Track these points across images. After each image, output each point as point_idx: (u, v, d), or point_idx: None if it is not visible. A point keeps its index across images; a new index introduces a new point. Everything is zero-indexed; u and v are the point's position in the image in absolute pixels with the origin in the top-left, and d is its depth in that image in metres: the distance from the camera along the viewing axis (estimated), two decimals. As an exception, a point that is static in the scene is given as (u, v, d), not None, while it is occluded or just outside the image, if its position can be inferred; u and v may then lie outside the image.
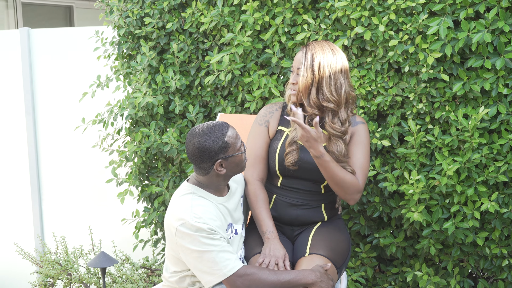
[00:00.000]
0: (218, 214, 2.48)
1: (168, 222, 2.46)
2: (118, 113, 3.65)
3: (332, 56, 2.67)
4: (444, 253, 3.21)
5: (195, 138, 2.44)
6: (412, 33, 2.98)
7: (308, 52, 2.66)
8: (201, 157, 2.44)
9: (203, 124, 2.49)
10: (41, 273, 3.71)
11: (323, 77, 2.65)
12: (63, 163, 4.73)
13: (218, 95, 3.54)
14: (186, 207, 2.42)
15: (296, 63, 2.70)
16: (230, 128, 2.48)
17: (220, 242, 2.40)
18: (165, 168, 3.69)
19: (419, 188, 2.92)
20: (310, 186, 2.76)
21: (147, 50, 3.51)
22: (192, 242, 2.38)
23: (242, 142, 2.52)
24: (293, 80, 2.70)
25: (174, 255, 2.51)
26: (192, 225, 2.37)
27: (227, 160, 2.47)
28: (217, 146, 2.43)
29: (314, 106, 2.68)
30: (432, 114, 3.05)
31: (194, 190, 2.50)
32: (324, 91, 2.66)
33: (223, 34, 3.41)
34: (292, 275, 2.46)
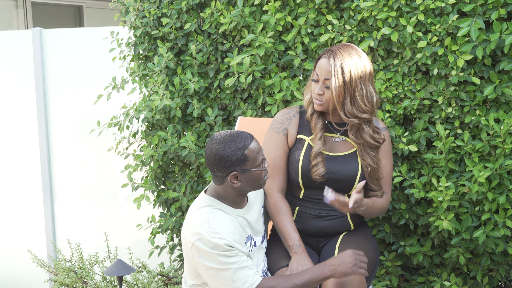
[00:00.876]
0: (237, 227, 2.38)
1: (185, 236, 2.37)
2: (134, 116, 3.55)
3: (360, 62, 2.56)
4: (473, 262, 3.11)
5: (214, 144, 2.35)
6: (441, 34, 2.87)
7: (337, 60, 2.52)
8: (217, 165, 2.34)
9: (227, 131, 2.38)
10: (56, 281, 3.62)
11: (356, 87, 2.53)
12: (76, 166, 4.64)
13: (237, 98, 3.45)
14: (203, 221, 2.33)
15: (323, 72, 2.55)
16: (254, 141, 2.36)
17: (238, 258, 2.31)
18: (182, 173, 3.60)
19: (449, 195, 2.83)
20: None
21: (164, 51, 3.41)
22: (209, 259, 2.29)
23: (264, 159, 2.40)
24: (320, 91, 2.57)
25: (192, 268, 2.42)
26: (209, 240, 2.27)
27: (243, 174, 2.35)
28: (235, 157, 2.32)
29: (351, 116, 2.56)
30: (461, 118, 2.95)
31: (211, 203, 2.40)
32: (358, 101, 2.54)
33: (243, 35, 3.31)
34: (308, 274, 2.36)
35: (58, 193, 4.69)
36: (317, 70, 2.57)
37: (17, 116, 4.77)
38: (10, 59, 4.73)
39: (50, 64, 4.55)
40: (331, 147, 2.65)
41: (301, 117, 2.70)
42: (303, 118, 2.70)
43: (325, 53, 2.57)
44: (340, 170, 2.61)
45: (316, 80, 2.58)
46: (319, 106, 2.59)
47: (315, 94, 2.58)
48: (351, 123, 2.57)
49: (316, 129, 2.63)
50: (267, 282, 2.33)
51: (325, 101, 2.57)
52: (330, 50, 2.56)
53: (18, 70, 4.68)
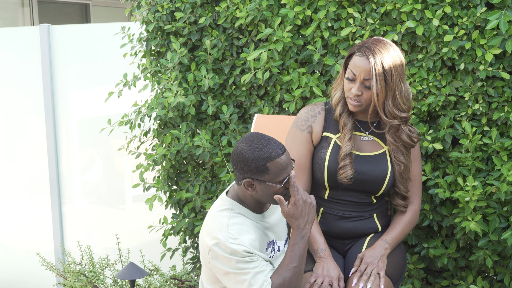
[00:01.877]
0: (258, 233, 2.27)
1: (202, 239, 2.26)
2: (146, 113, 3.44)
3: (397, 58, 2.42)
4: (500, 265, 2.99)
5: (243, 143, 2.22)
6: (468, 27, 2.76)
7: (377, 58, 2.37)
8: (236, 165, 2.22)
9: (262, 134, 2.23)
10: (66, 285, 3.50)
11: (396, 85, 2.41)
12: (85, 165, 4.54)
13: (254, 95, 3.33)
14: (222, 225, 2.22)
15: (362, 72, 2.39)
16: (283, 156, 2.19)
17: (258, 263, 2.20)
18: (196, 173, 3.48)
19: (476, 195, 2.71)
20: (361, 198, 2.54)
21: (177, 47, 3.30)
22: (227, 264, 2.19)
23: (289, 178, 2.21)
24: (358, 91, 2.42)
25: (209, 272, 2.31)
26: (227, 246, 2.17)
27: (260, 184, 2.20)
28: (254, 164, 2.17)
29: (391, 117, 2.43)
30: (489, 115, 2.83)
31: (232, 206, 2.28)
32: (398, 100, 2.42)
33: (260, 29, 3.19)
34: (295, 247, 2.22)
35: (66, 194, 4.59)
36: (353, 69, 2.42)
37: (24, 114, 4.67)
38: (18, 56, 4.63)
39: (58, 61, 4.45)
40: (358, 146, 2.53)
41: (327, 114, 2.58)
42: (329, 115, 2.57)
43: (360, 50, 2.41)
44: (369, 170, 2.50)
45: (352, 80, 2.43)
46: (356, 107, 2.46)
47: (351, 95, 2.44)
48: (392, 124, 2.45)
49: (345, 129, 2.50)
50: (275, 281, 2.21)
51: (363, 101, 2.44)
52: (366, 47, 2.41)
53: (25, 67, 4.58)
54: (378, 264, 2.42)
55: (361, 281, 2.37)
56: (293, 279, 2.22)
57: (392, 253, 2.53)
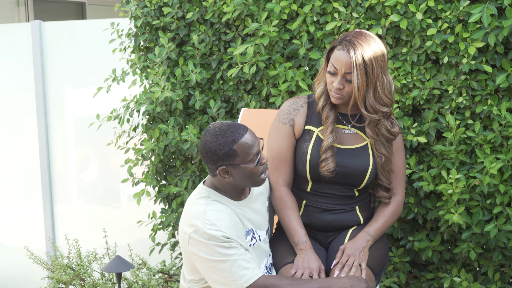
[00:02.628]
0: (235, 220, 2.29)
1: (181, 228, 2.28)
2: (134, 108, 3.46)
3: (378, 50, 2.41)
4: (484, 258, 3.00)
5: (206, 136, 2.25)
6: (452, 21, 2.78)
7: (357, 51, 2.36)
8: (206, 157, 2.25)
9: (221, 122, 2.27)
10: (53, 279, 3.51)
11: (377, 78, 2.40)
12: (76, 161, 4.55)
13: (241, 89, 3.35)
14: (199, 213, 2.24)
15: (343, 65, 2.38)
16: (247, 134, 2.23)
17: (237, 250, 2.21)
18: (184, 167, 3.50)
19: (459, 188, 2.73)
20: (343, 191, 2.55)
21: (165, 42, 3.32)
22: (206, 250, 2.20)
23: (259, 153, 2.25)
24: (340, 85, 2.42)
25: (190, 263, 2.33)
26: (205, 232, 2.18)
27: (234, 168, 2.24)
28: (222, 151, 2.21)
29: (372, 111, 2.44)
30: (472, 108, 2.85)
31: (209, 194, 2.30)
32: (379, 93, 2.42)
33: (247, 24, 3.21)
34: (317, 284, 2.26)
35: (61, 193, 4.60)
36: (335, 63, 2.41)
37: (19, 111, 4.69)
38: (10, 53, 4.65)
39: (49, 57, 4.47)
40: (341, 139, 2.54)
41: (310, 107, 2.58)
42: (312, 108, 2.58)
43: (341, 44, 2.41)
44: (351, 163, 2.51)
45: (334, 73, 2.44)
46: (338, 99, 2.46)
47: (333, 88, 2.44)
48: (371, 118, 2.46)
49: (327, 122, 2.51)
50: (269, 279, 2.23)
51: (345, 95, 2.44)
52: (346, 40, 2.40)
53: (18, 64, 4.60)
54: (360, 255, 2.43)
55: (342, 272, 2.38)
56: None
57: (375, 245, 2.53)
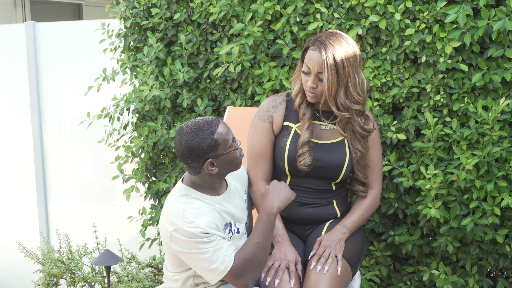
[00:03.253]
0: (214, 215, 2.37)
1: (163, 225, 2.37)
2: (124, 107, 3.54)
3: (350, 49, 2.50)
4: (462, 251, 3.08)
5: (183, 137, 2.33)
6: (429, 21, 2.86)
7: (328, 51, 2.45)
8: (190, 157, 2.32)
9: (192, 121, 2.35)
10: (44, 272, 3.60)
11: (349, 77, 2.49)
12: (70, 159, 4.63)
13: (227, 88, 3.43)
14: (179, 211, 2.32)
15: (315, 65, 2.48)
16: (220, 124, 2.34)
17: (216, 242, 2.31)
18: (173, 164, 3.58)
19: (436, 183, 2.81)
20: (321, 185, 2.64)
21: (154, 42, 3.40)
22: (187, 246, 2.30)
23: (233, 137, 2.38)
24: (313, 84, 2.51)
25: (171, 257, 2.43)
26: (185, 230, 2.28)
27: (218, 159, 2.34)
28: (206, 144, 2.30)
29: (343, 110, 2.52)
30: (450, 106, 2.93)
31: (187, 192, 2.39)
32: (351, 92, 2.50)
33: (232, 24, 3.30)
34: (260, 225, 2.35)
35: (51, 187, 4.68)
36: (308, 63, 2.50)
37: (10, 109, 4.77)
38: (4, 54, 4.72)
39: (43, 57, 4.55)
40: (318, 134, 2.63)
41: (288, 105, 2.67)
42: (290, 105, 2.66)
43: (314, 44, 2.50)
44: (327, 158, 2.60)
45: (307, 73, 2.52)
46: (312, 98, 2.55)
47: (307, 87, 2.53)
48: (342, 117, 2.54)
49: (304, 119, 2.59)
50: (239, 257, 2.32)
51: (319, 93, 2.53)
52: (319, 41, 2.49)
53: (11, 63, 4.68)
54: (336, 247, 2.51)
55: (319, 263, 2.47)
56: (257, 254, 2.33)
57: (351, 238, 2.62)
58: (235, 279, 2.31)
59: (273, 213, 2.37)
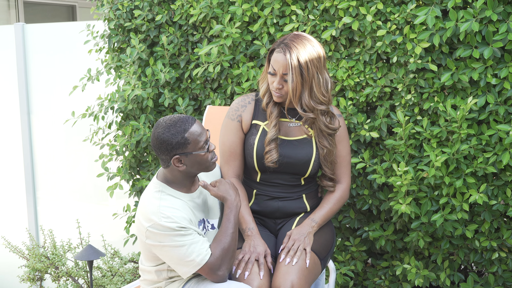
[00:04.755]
0: (188, 212, 2.44)
1: (138, 221, 2.44)
2: (108, 106, 3.63)
3: (314, 51, 2.57)
4: (434, 246, 3.16)
5: (157, 129, 2.41)
6: (400, 23, 2.94)
7: (293, 54, 2.53)
8: (159, 149, 2.41)
9: (170, 116, 2.44)
10: (29, 267, 3.69)
11: (313, 78, 2.56)
12: (58, 158, 4.70)
13: (207, 88, 3.52)
14: (154, 207, 2.39)
15: (281, 67, 2.55)
16: (195, 124, 2.41)
17: (192, 236, 2.38)
18: (156, 162, 3.67)
19: (407, 180, 2.89)
20: (290, 180, 2.72)
21: (136, 43, 3.49)
22: (163, 240, 2.37)
23: (208, 141, 2.44)
24: (279, 85, 2.59)
25: (146, 251, 2.50)
26: (161, 225, 2.35)
27: (186, 157, 2.40)
28: (175, 140, 2.37)
29: (308, 110, 2.60)
30: (421, 105, 3.01)
31: (162, 188, 2.46)
32: (315, 93, 2.58)
33: (212, 26, 3.38)
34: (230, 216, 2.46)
35: (40, 184, 4.72)
36: (274, 64, 2.58)
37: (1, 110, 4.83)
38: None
39: (32, 58, 4.61)
40: (286, 131, 2.71)
41: (257, 104, 2.75)
42: (259, 104, 2.75)
43: (279, 47, 2.57)
44: (294, 154, 2.67)
45: (273, 74, 2.60)
46: (279, 98, 2.63)
47: (273, 88, 2.61)
48: (307, 117, 2.62)
49: (271, 117, 2.68)
50: (215, 249, 2.40)
51: (284, 93, 2.61)
52: (284, 44, 2.57)
53: (1, 65, 4.74)
54: (305, 240, 2.59)
55: (288, 256, 2.55)
56: (232, 244, 2.42)
57: (320, 231, 2.70)
58: (215, 270, 2.38)
59: (239, 206, 2.49)
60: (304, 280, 2.47)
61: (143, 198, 2.48)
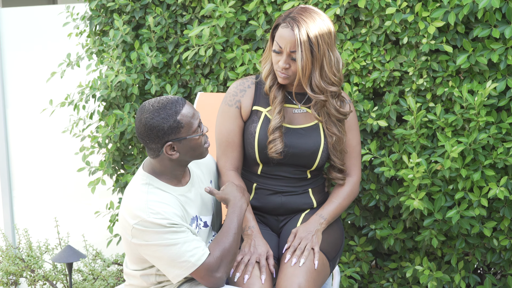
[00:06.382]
0: (179, 208, 2.20)
1: (123, 218, 2.18)
2: (89, 94, 3.37)
3: (324, 26, 2.33)
4: (448, 246, 2.94)
5: (143, 114, 2.15)
6: (411, 0, 2.72)
7: (302, 28, 2.28)
8: (149, 137, 2.14)
9: (156, 98, 2.18)
10: (1, 270, 3.41)
11: (324, 56, 2.32)
12: (35, 152, 4.46)
13: (198, 74, 3.28)
14: (141, 201, 2.15)
15: (288, 44, 2.31)
16: (186, 105, 2.17)
17: (185, 234, 2.14)
18: (142, 155, 3.42)
19: (420, 172, 2.66)
20: (295, 173, 2.47)
21: (120, 25, 3.24)
22: (152, 238, 2.12)
23: (200, 123, 2.21)
24: (285, 64, 2.34)
25: (132, 253, 2.24)
26: (150, 222, 2.10)
27: (180, 143, 2.16)
28: (167, 125, 2.13)
29: (318, 92, 2.35)
30: (433, 90, 2.79)
31: (150, 181, 2.21)
32: (326, 72, 2.34)
33: (203, 5, 3.14)
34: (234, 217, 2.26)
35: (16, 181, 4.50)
36: (279, 41, 2.34)
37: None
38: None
39: (8, 44, 4.37)
40: (290, 118, 2.46)
41: (257, 87, 2.50)
42: (260, 88, 2.50)
43: (285, 21, 2.34)
44: (300, 143, 2.43)
45: (279, 52, 2.36)
46: (285, 79, 2.38)
47: (279, 68, 2.37)
48: (317, 99, 2.37)
49: (275, 102, 2.43)
50: (216, 248, 2.19)
51: (291, 74, 2.37)
52: (290, 18, 2.33)
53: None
54: (312, 239, 2.35)
55: (294, 256, 2.30)
56: (233, 245, 2.21)
57: (329, 229, 2.46)
58: (212, 272, 2.15)
59: (244, 209, 2.30)
60: (313, 283, 2.25)
61: (127, 192, 2.22)
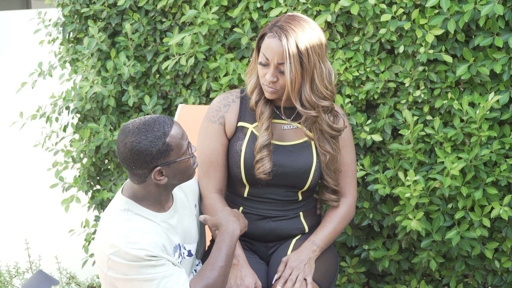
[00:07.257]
0: (161, 236, 2.03)
1: (99, 246, 2.01)
2: (63, 106, 3.20)
3: (314, 35, 2.18)
4: (446, 268, 2.82)
5: (128, 137, 1.97)
6: (407, 6, 2.61)
7: (290, 38, 2.13)
8: (134, 162, 1.97)
9: (140, 118, 2.01)
10: (-36, 299, 3.22)
11: (314, 68, 2.17)
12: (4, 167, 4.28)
13: (179, 84, 3.13)
14: (119, 230, 1.98)
15: (275, 55, 2.15)
16: (174, 125, 2.00)
17: (165, 267, 1.98)
18: (119, 171, 3.26)
19: (417, 191, 2.55)
20: (285, 195, 2.31)
21: (95, 32, 3.09)
22: (129, 272, 1.96)
23: (189, 143, 2.05)
24: (273, 78, 2.18)
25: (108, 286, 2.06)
26: (127, 253, 1.94)
27: (169, 167, 2.00)
28: (156, 148, 1.96)
29: (309, 107, 2.19)
30: (431, 103, 2.68)
31: (129, 206, 2.04)
32: (317, 85, 2.18)
33: (184, 11, 3.00)
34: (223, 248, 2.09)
35: None
36: (266, 53, 2.18)
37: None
38: None
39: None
40: (280, 135, 2.30)
41: (242, 102, 2.34)
42: (245, 103, 2.34)
43: (272, 30, 2.18)
44: (291, 162, 2.26)
45: (266, 64, 2.20)
46: (272, 94, 2.22)
47: (266, 81, 2.21)
48: (308, 115, 2.21)
49: (262, 118, 2.27)
50: (195, 284, 2.02)
51: (279, 88, 2.20)
52: (278, 27, 2.17)
53: None
54: (305, 268, 2.19)
55: None
56: (218, 281, 2.05)
57: (322, 256, 2.30)
58: None
59: (236, 235, 2.12)
60: None
61: (104, 219, 2.05)
